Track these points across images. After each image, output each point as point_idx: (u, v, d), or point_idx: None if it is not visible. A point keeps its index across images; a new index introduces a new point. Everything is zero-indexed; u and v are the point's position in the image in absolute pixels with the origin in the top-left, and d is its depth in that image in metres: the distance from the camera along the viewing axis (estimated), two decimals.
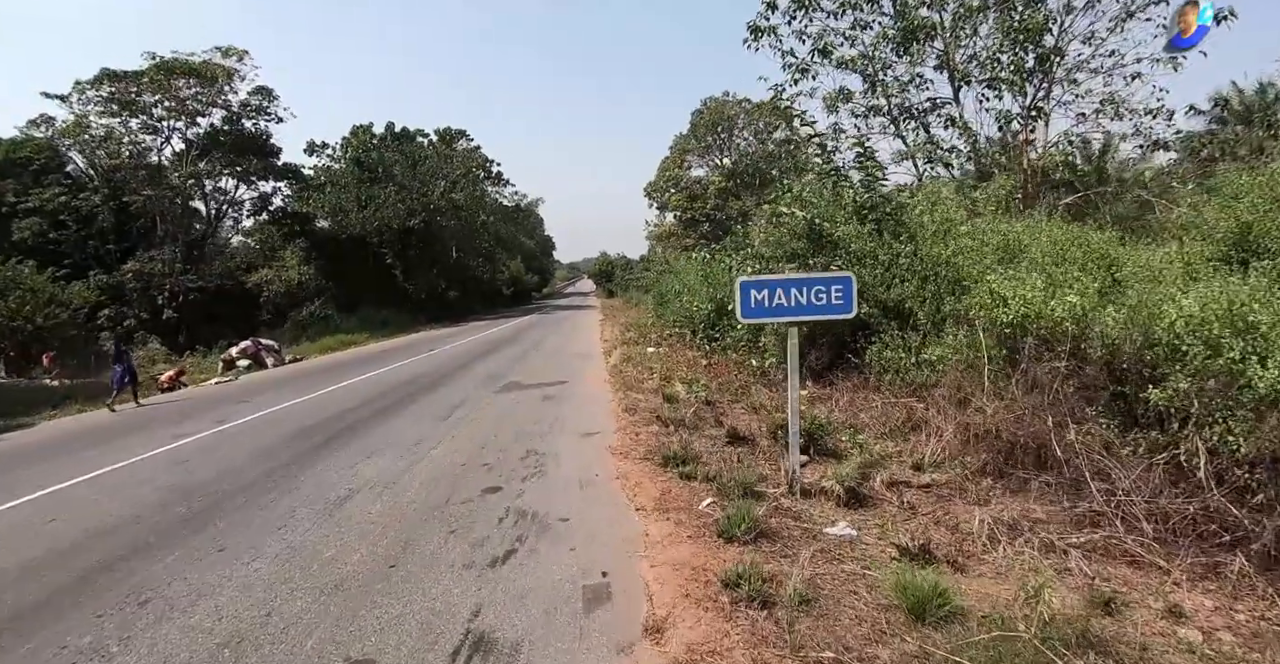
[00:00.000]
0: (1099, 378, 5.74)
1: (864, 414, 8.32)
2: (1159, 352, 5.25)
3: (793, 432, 5.24)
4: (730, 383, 10.53)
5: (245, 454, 8.00)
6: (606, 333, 21.68)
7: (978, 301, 7.08)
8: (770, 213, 11.00)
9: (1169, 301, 5.46)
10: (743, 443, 7.07)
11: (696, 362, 12.71)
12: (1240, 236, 7.74)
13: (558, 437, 7.96)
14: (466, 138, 56.13)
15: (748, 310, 5.09)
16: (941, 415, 7.16)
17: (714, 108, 45.57)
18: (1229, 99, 21.67)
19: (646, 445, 6.99)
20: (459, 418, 9.40)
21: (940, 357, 7.55)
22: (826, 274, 5.24)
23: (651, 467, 6.21)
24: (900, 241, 9.15)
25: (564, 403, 10.21)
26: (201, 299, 33.82)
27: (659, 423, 7.88)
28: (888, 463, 6.59)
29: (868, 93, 16.40)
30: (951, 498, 5.74)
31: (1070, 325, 5.84)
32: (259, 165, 37.46)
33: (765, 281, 5.09)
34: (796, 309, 5.08)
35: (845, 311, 5.13)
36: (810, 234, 9.59)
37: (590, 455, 6.98)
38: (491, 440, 7.92)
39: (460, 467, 6.83)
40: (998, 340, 6.88)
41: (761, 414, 8.95)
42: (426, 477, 6.55)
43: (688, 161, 46.79)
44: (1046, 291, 6.53)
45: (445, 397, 11.32)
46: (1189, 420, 4.88)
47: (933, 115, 16.47)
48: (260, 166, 37.63)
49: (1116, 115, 15.05)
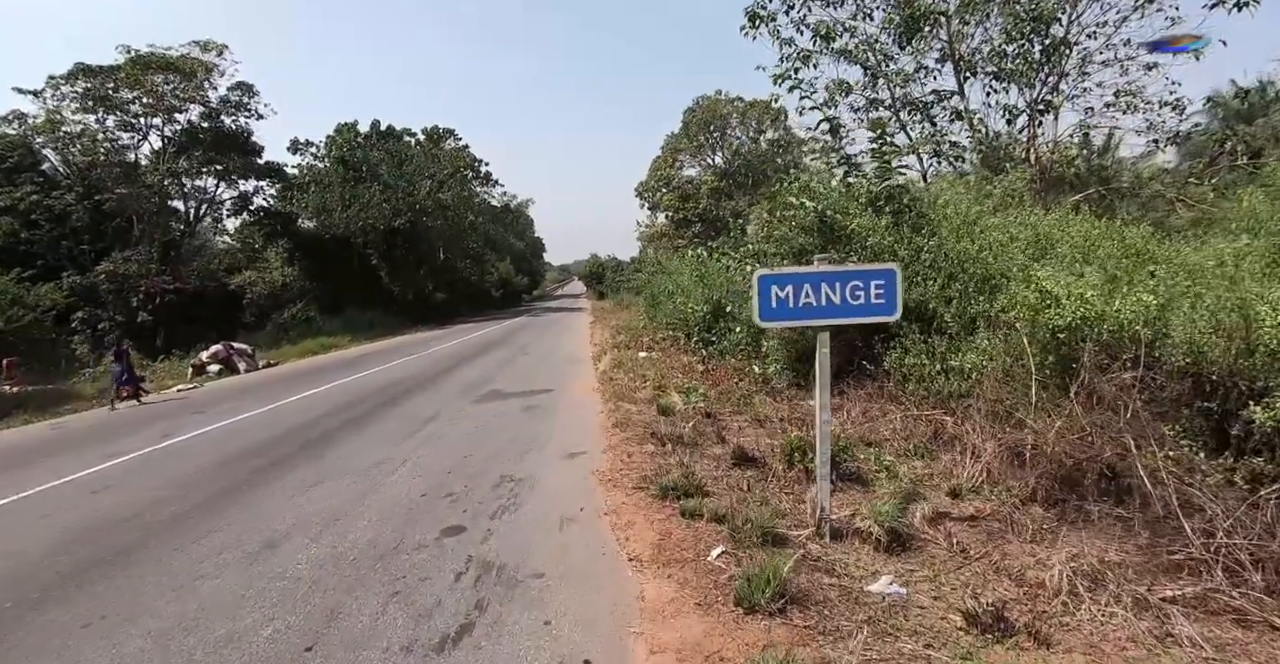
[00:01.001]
0: (1179, 392, 4.82)
1: (881, 427, 7.41)
2: (1258, 361, 4.34)
3: (822, 461, 4.28)
4: (730, 391, 9.58)
5: (176, 480, 6.98)
6: (597, 336, 20.72)
7: (1020, 301, 6.16)
8: (770, 207, 10.08)
9: (1262, 303, 4.57)
10: (751, 465, 6.12)
11: (692, 367, 11.76)
12: None
13: (538, 458, 6.99)
14: (454, 137, 55.02)
15: (768, 311, 4.15)
16: (977, 432, 6.23)
17: (707, 106, 44.61)
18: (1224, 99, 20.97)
19: (640, 469, 6.02)
20: (429, 434, 8.40)
21: (974, 364, 6.63)
22: (865, 267, 4.29)
23: (647, 499, 5.23)
24: (921, 235, 8.22)
25: (548, 415, 9.23)
26: (180, 301, 32.65)
27: (654, 440, 6.91)
28: (921, 488, 5.67)
29: (869, 86, 15.56)
30: (1004, 534, 4.81)
31: (1142, 329, 4.91)
32: (240, 163, 36.23)
33: (791, 276, 4.13)
34: (829, 310, 4.12)
35: (888, 313, 4.18)
36: (820, 227, 8.64)
37: (574, 483, 6.00)
38: (461, 463, 6.93)
39: (420, 498, 5.84)
40: (1043, 346, 5.97)
41: (768, 427, 8.02)
42: (379, 511, 5.55)
43: (680, 161, 45.81)
44: (1105, 290, 5.62)
45: (418, 407, 10.32)
46: None
47: (937, 108, 15.66)
48: (241, 165, 36.40)
49: (1129, 109, 14.24)
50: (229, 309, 34.10)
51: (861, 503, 5.14)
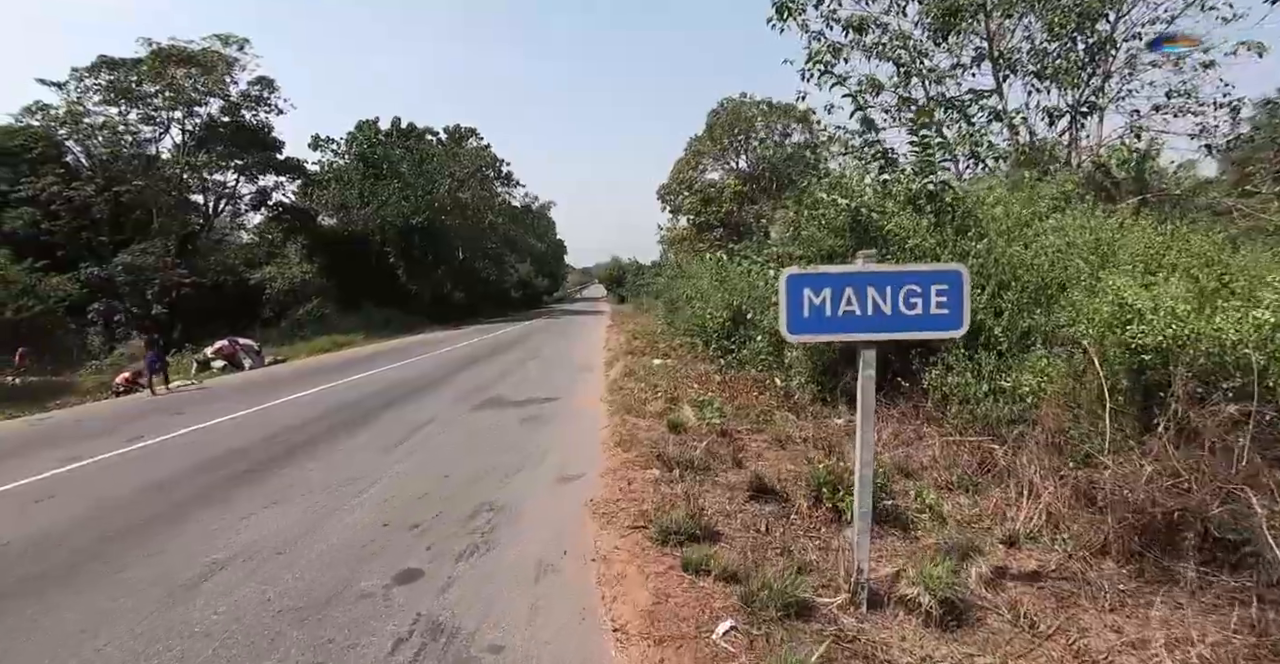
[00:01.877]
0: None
1: (918, 453, 6.53)
2: None
3: (862, 512, 3.40)
4: (749, 406, 8.73)
5: (124, 493, 6.24)
6: (612, 341, 19.92)
7: (1089, 315, 5.26)
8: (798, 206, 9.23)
9: None
10: (771, 498, 5.26)
11: (709, 377, 10.90)
12: None
13: (526, 481, 6.16)
14: (476, 136, 54.53)
15: (799, 321, 3.28)
16: (1034, 465, 5.33)
17: (731, 109, 43.67)
18: None
19: (641, 501, 5.16)
20: (414, 446, 7.62)
21: (1030, 386, 5.74)
22: (925, 267, 3.40)
23: (644, 542, 4.37)
24: (968, 238, 7.32)
25: (547, 428, 8.43)
26: (197, 295, 32.36)
27: (660, 464, 6.06)
28: (970, 533, 4.80)
29: (902, 83, 14.63)
30: (1076, 599, 3.92)
31: (1254, 354, 4.00)
32: (259, 158, 35.98)
33: (829, 277, 3.26)
34: (877, 321, 3.22)
35: (953, 326, 3.30)
36: (854, 227, 7.78)
37: (562, 516, 5.15)
38: (440, 484, 6.12)
39: (382, 528, 5.03)
40: (1116, 368, 5.07)
41: (790, 449, 7.17)
42: (332, 543, 4.75)
43: (702, 164, 44.91)
44: (1198, 303, 4.72)
45: (412, 413, 9.56)
46: None
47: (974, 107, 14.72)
48: (260, 160, 36.15)
49: (1180, 112, 13.26)
50: (249, 304, 33.77)
51: (903, 555, 4.28)
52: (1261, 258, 6.81)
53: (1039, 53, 13.39)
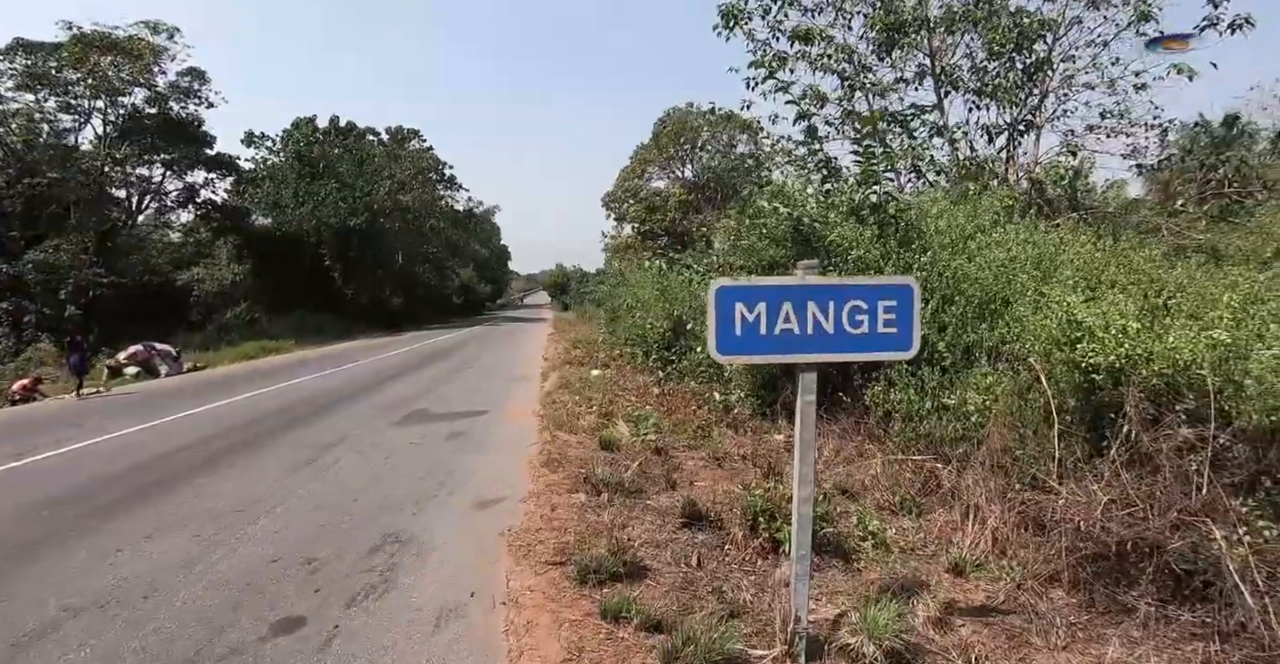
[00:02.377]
0: (1254, 457, 3.70)
1: (860, 472, 6.28)
2: None
3: (800, 555, 3.02)
4: (687, 421, 8.37)
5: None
6: (552, 350, 19.39)
7: (1036, 331, 5.05)
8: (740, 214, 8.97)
9: None
10: (705, 525, 4.88)
11: (648, 390, 10.52)
12: None
13: (441, 507, 5.62)
14: (419, 138, 53.40)
15: (729, 340, 2.86)
16: (980, 487, 5.09)
17: (677, 118, 43.69)
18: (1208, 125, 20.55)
19: (563, 530, 4.71)
20: (324, 466, 7.00)
21: (979, 406, 5.50)
22: (871, 280, 3.01)
23: (562, 581, 3.92)
24: (912, 250, 7.11)
25: (472, 446, 7.89)
26: (117, 296, 30.52)
27: (587, 487, 5.63)
28: (915, 560, 4.52)
29: (846, 97, 14.59)
30: (1027, 635, 3.65)
31: (1209, 375, 3.79)
32: (187, 153, 34.26)
33: (764, 289, 2.88)
34: (818, 341, 2.83)
35: (901, 348, 2.95)
36: (795, 237, 7.50)
37: (475, 548, 4.65)
38: (345, 511, 5.54)
39: (271, 564, 4.46)
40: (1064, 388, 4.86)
41: (728, 467, 6.84)
42: (207, 584, 4.16)
43: (649, 172, 44.79)
44: (1147, 321, 4.53)
45: (326, 429, 8.89)
46: None
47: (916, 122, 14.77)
48: (189, 155, 34.42)
49: (1113, 132, 13.55)
50: (174, 307, 32.06)
51: (845, 591, 3.94)
52: (1195, 275, 6.78)
53: (979, 70, 13.50)
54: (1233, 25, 11.18)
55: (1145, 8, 12.04)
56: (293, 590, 4.04)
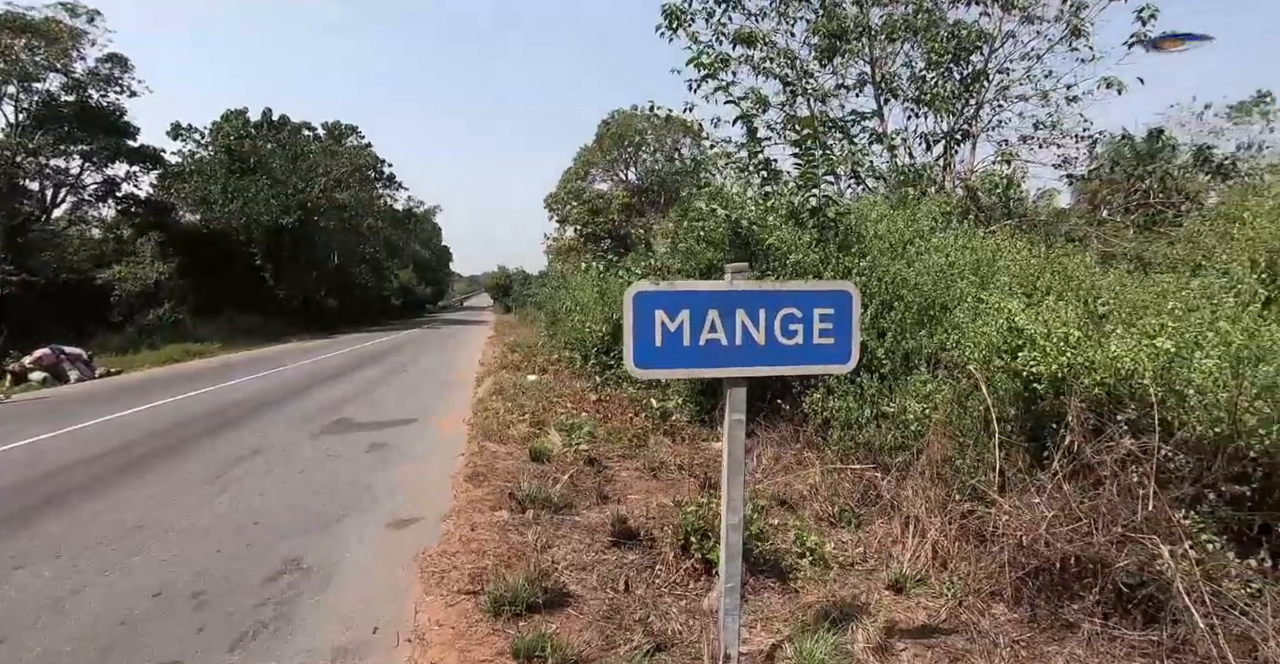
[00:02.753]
0: (1196, 469, 3.59)
1: (798, 482, 6.09)
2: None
3: (729, 588, 2.76)
4: (623, 429, 8.10)
5: None
6: (490, 353, 18.87)
7: (976, 339, 4.92)
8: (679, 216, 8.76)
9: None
10: (636, 544, 4.60)
11: (584, 396, 10.20)
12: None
13: (352, 527, 5.18)
14: (357, 134, 51.93)
15: (648, 352, 2.55)
16: (920, 498, 4.95)
17: (622, 120, 43.51)
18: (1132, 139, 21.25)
19: (481, 553, 4.34)
20: (229, 482, 6.44)
21: (919, 414, 5.36)
22: (806, 286, 2.70)
23: (474, 613, 3.56)
24: (851, 255, 6.97)
25: (394, 458, 7.43)
26: (29, 295, 28.63)
27: (512, 503, 5.28)
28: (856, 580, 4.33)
29: (788, 102, 14.58)
30: (970, 657, 3.48)
31: (1151, 385, 3.68)
32: (108, 144, 32.36)
33: (688, 295, 2.58)
34: (748, 353, 2.59)
35: (839, 360, 2.70)
36: (734, 240, 7.30)
37: (385, 575, 4.25)
38: (245, 534, 5.04)
39: (151, 599, 3.98)
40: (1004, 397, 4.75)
41: (663, 478, 6.58)
42: (77, 624, 3.66)
43: (592, 174, 44.51)
44: (1088, 329, 4.43)
45: (240, 440, 8.29)
46: None
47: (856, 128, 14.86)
48: (110, 146, 32.51)
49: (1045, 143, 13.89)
50: (93, 307, 30.26)
51: (780, 617, 3.70)
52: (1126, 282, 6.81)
53: (918, 79, 13.64)
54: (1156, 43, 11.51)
55: (1077, 22, 12.34)
56: (173, 631, 3.58)
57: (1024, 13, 12.76)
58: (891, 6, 13.44)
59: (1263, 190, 8.11)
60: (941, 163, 14.31)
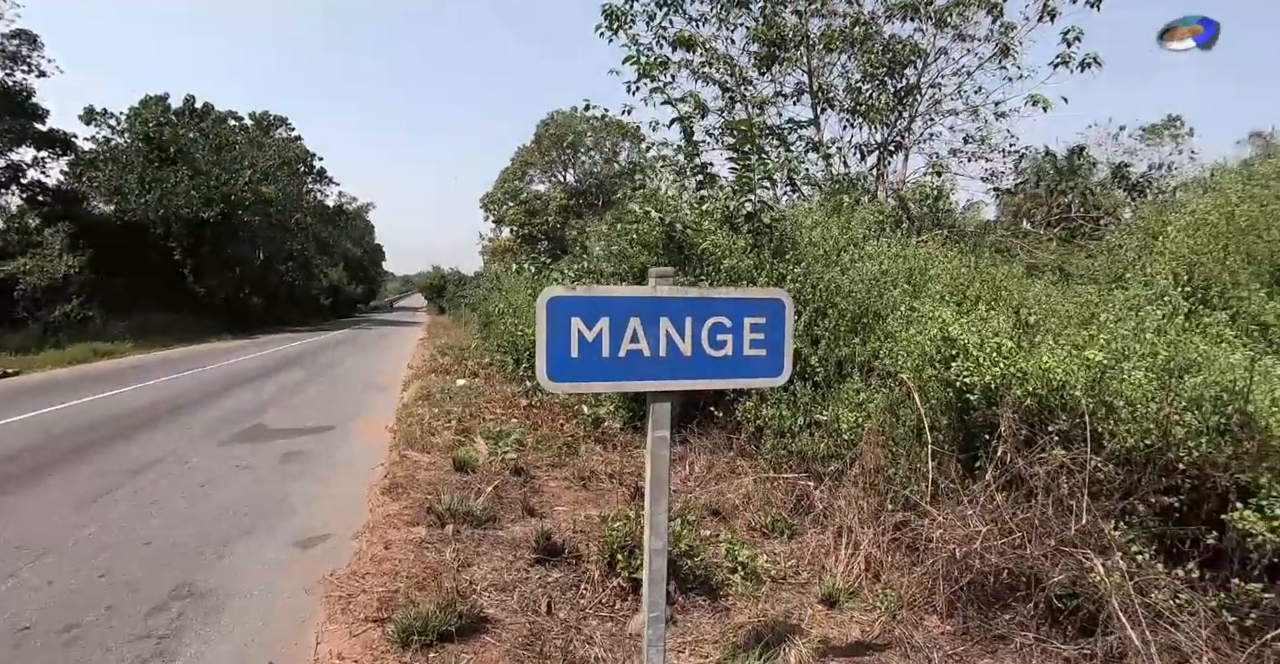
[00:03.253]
0: (1127, 481, 3.57)
1: (730, 492, 5.99)
2: (1245, 446, 3.17)
3: (651, 619, 2.57)
4: (553, 437, 7.86)
5: None
6: (420, 356, 18.31)
7: (914, 348, 4.88)
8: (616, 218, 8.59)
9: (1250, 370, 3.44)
10: (560, 562, 4.37)
11: (515, 402, 9.91)
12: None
13: (253, 548, 4.75)
14: (287, 126, 50.11)
15: (563, 364, 2.34)
16: (853, 509, 4.88)
17: (561, 121, 43.23)
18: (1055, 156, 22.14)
19: (394, 575, 4.04)
20: (122, 497, 5.89)
21: (852, 423, 5.30)
22: (735, 293, 2.46)
23: (381, 644, 3.28)
24: (786, 262, 6.91)
25: (307, 469, 6.97)
26: None
27: (431, 517, 4.98)
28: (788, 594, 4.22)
29: (727, 109, 14.61)
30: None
31: (1083, 396, 3.65)
32: (14, 127, 30.22)
33: (608, 302, 2.37)
34: (671, 365, 2.41)
35: (771, 373, 2.52)
36: (667, 244, 7.15)
37: (286, 602, 3.89)
38: (134, 555, 4.57)
39: (18, 634, 3.53)
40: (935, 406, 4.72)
41: (593, 488, 6.38)
42: None
43: (530, 174, 44.03)
44: (1019, 340, 4.41)
45: (141, 450, 7.66)
46: None
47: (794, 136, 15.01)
48: (15, 129, 30.36)
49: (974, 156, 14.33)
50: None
51: (710, 639, 3.54)
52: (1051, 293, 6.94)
53: (853, 91, 13.87)
54: (1083, 63, 11.96)
55: (1006, 41, 12.71)
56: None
57: (956, 31, 13.08)
58: (830, 18, 13.62)
59: (1178, 207, 8.40)
60: (874, 173, 14.59)
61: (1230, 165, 11.71)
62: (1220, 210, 6.76)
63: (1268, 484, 3.01)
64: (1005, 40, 12.75)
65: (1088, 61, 11.92)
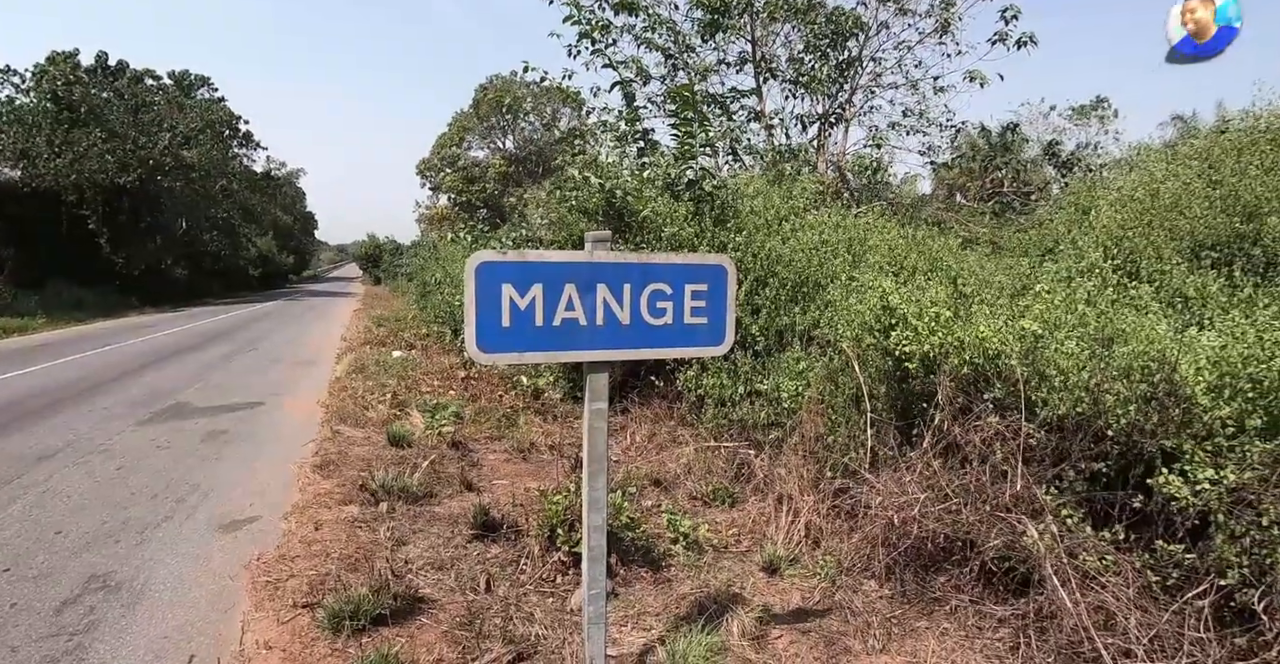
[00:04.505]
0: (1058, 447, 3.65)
1: (671, 461, 5.99)
2: (1171, 414, 3.25)
3: (590, 595, 2.50)
4: (492, 409, 7.72)
5: None
6: (355, 328, 17.78)
7: (854, 317, 4.89)
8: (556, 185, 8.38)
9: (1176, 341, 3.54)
10: (499, 537, 4.27)
11: (453, 373, 9.70)
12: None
13: (172, 533, 4.49)
14: (210, 86, 47.55)
15: (494, 333, 2.20)
16: (794, 477, 4.92)
17: (500, 86, 42.14)
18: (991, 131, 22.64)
19: (325, 556, 3.88)
20: (28, 484, 5.47)
21: (792, 392, 5.31)
22: (675, 258, 2.31)
23: (311, 630, 3.13)
24: (727, 230, 6.85)
25: (233, 448, 6.65)
26: None
27: (365, 495, 4.81)
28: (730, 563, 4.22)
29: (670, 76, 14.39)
30: (844, 639, 3.44)
31: (1018, 364, 3.70)
32: None
33: (542, 267, 2.23)
34: (609, 334, 2.32)
35: (712, 341, 2.43)
36: (607, 212, 7.00)
37: (209, 589, 3.68)
38: (43, 546, 4.27)
39: None
40: (874, 375, 4.76)
41: (533, 460, 6.30)
42: None
43: (468, 141, 42.94)
44: (956, 309, 4.45)
45: (50, 432, 7.16)
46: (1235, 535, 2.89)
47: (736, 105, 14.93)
48: None
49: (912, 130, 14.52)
50: None
51: (653, 611, 3.50)
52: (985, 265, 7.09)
53: (796, 61, 13.85)
54: (1019, 41, 12.15)
55: (946, 17, 12.82)
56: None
57: (898, 4, 13.13)
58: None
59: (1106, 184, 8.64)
60: (815, 144, 14.67)
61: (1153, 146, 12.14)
62: (1146, 188, 6.97)
63: (1191, 450, 3.09)
64: (946, 16, 12.87)
65: (1023, 40, 12.14)
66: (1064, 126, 23.59)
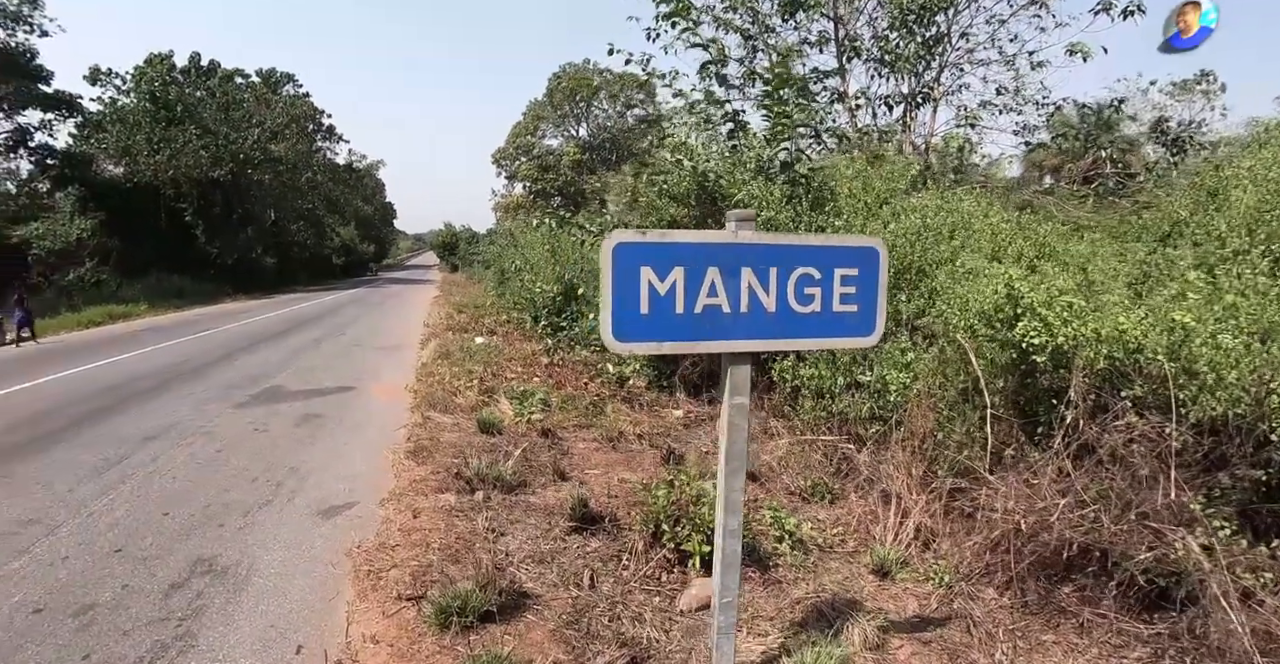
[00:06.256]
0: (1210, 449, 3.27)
1: (766, 453, 5.76)
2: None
3: (722, 604, 2.33)
4: (578, 396, 7.62)
5: None
6: (436, 314, 18.08)
7: (970, 306, 4.55)
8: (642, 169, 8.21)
9: None
10: (598, 530, 4.15)
11: (536, 359, 9.67)
12: None
13: (274, 519, 4.55)
14: (295, 83, 49.31)
15: (632, 321, 2.00)
16: (901, 474, 4.64)
17: (574, 74, 42.22)
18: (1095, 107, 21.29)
19: (425, 546, 3.82)
20: (136, 465, 5.69)
21: (899, 385, 5.01)
22: (824, 240, 2.10)
23: (417, 625, 3.05)
24: (825, 214, 6.54)
25: (327, 432, 6.78)
26: None
27: (460, 483, 4.76)
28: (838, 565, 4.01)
29: (749, 58, 14.00)
30: (968, 651, 3.19)
31: (1165, 361, 3.33)
32: (19, 89, 29.72)
33: (683, 249, 2.01)
34: (753, 322, 2.09)
35: (863, 331, 2.21)
36: (699, 195, 6.78)
37: (312, 577, 3.69)
38: (150, 528, 4.38)
39: (31, 617, 3.33)
40: (993, 369, 4.41)
41: (622, 450, 6.15)
42: None
43: (542, 129, 43.19)
44: (1088, 297, 4.07)
45: (154, 414, 7.47)
46: None
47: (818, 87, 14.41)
48: (21, 91, 29.86)
49: (1006, 109, 13.68)
50: (8, 268, 28.09)
51: (767, 615, 3.33)
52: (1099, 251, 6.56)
53: (881, 39, 13.25)
54: (1126, 11, 11.26)
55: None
56: (51, 660, 2.99)
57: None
58: None
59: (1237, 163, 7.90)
60: (901, 125, 14.05)
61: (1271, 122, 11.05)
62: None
63: None
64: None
65: (1130, 9, 11.24)
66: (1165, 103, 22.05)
